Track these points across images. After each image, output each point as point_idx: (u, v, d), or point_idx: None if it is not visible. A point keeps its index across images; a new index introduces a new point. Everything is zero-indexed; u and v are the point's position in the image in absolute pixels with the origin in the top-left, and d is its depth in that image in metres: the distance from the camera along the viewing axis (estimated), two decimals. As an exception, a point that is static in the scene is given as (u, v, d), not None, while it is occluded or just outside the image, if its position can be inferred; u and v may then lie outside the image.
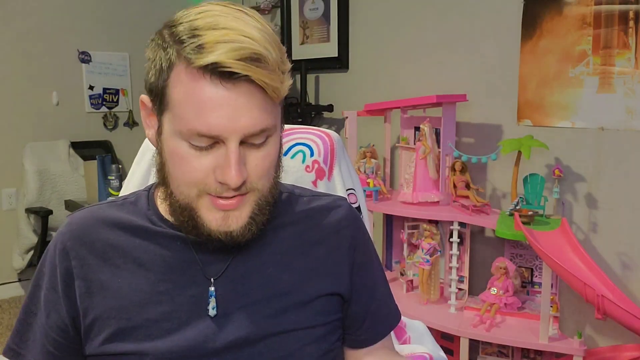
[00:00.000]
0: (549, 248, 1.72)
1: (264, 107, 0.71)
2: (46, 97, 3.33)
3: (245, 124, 0.70)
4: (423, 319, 1.34)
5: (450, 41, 2.41)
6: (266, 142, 0.74)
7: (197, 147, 0.71)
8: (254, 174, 0.74)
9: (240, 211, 0.75)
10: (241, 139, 0.71)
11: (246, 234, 0.76)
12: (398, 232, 2.40)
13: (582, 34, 2.02)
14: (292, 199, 0.89)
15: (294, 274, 0.82)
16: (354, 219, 0.91)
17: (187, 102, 0.70)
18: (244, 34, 0.69)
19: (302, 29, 3.07)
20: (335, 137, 1.16)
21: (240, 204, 0.75)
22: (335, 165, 1.13)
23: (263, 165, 0.74)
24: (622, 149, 1.95)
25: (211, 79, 0.68)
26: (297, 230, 0.86)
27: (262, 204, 0.77)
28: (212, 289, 0.78)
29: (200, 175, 0.72)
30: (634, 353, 1.84)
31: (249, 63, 0.68)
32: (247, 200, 0.75)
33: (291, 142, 1.12)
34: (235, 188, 0.72)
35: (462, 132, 2.38)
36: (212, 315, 0.78)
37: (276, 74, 0.70)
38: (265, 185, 0.76)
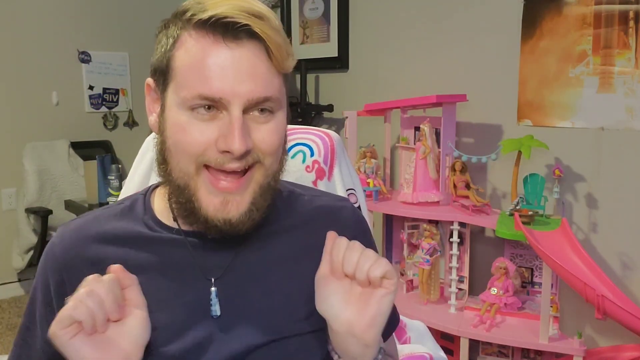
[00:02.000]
0: (549, 248, 1.72)
1: (268, 74, 0.71)
2: (46, 97, 3.33)
3: (248, 88, 0.69)
4: (423, 319, 1.34)
5: (451, 41, 2.41)
6: (272, 116, 0.73)
7: (200, 115, 0.70)
8: (260, 147, 0.72)
9: (242, 196, 0.73)
10: (245, 107, 0.70)
11: (246, 221, 0.73)
12: (398, 232, 2.40)
13: (582, 34, 2.02)
14: (293, 198, 0.87)
15: (298, 277, 0.80)
16: (357, 220, 0.89)
17: (190, 66, 0.70)
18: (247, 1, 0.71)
19: (302, 29, 3.07)
20: (336, 137, 1.16)
21: (241, 188, 0.73)
22: (335, 165, 1.13)
23: (270, 139, 0.73)
24: (622, 149, 1.95)
25: (214, 37, 0.69)
26: (298, 232, 0.83)
27: (265, 186, 0.75)
28: (214, 289, 0.76)
29: (202, 146, 0.70)
30: (634, 353, 1.84)
31: (252, 16, 0.69)
32: (250, 180, 0.73)
33: (291, 142, 1.12)
34: (239, 156, 0.70)
35: (462, 132, 2.38)
36: (215, 316, 0.76)
37: (280, 36, 0.71)
38: (273, 165, 0.75)
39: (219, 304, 0.76)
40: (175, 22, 0.74)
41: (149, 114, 0.80)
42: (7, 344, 2.73)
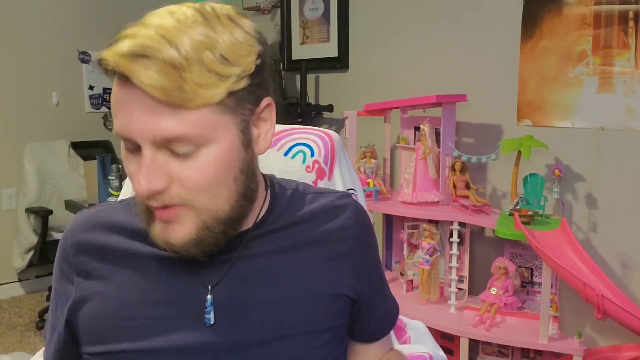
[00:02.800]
0: (548, 248, 1.72)
1: (162, 111, 0.63)
2: (46, 97, 3.33)
3: (143, 128, 0.64)
4: (423, 319, 1.34)
5: (450, 41, 2.41)
6: (196, 153, 0.66)
7: (126, 149, 0.68)
8: (182, 186, 0.66)
9: (181, 225, 0.68)
10: (154, 145, 0.65)
11: (194, 250, 0.70)
12: (398, 232, 2.40)
13: (582, 34, 2.02)
14: (296, 196, 0.85)
15: (298, 277, 0.79)
16: (359, 216, 0.86)
17: (112, 104, 0.69)
18: (151, 29, 0.64)
19: (302, 29, 3.07)
20: (336, 137, 1.16)
21: (179, 218, 0.68)
22: (335, 165, 1.13)
23: (194, 178, 0.66)
24: (622, 149, 1.96)
25: (115, 78, 0.66)
26: (300, 231, 0.81)
27: (212, 224, 0.69)
28: (210, 297, 0.75)
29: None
30: (634, 353, 1.84)
31: (128, 58, 0.62)
32: (186, 215, 0.68)
33: (291, 142, 1.12)
34: (147, 197, 0.66)
35: (462, 132, 2.38)
36: (209, 323, 0.74)
37: (168, 72, 0.61)
38: (207, 204, 0.68)
39: (214, 312, 0.74)
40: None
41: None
42: (7, 344, 2.74)
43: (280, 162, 1.10)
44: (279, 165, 1.09)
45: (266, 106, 0.73)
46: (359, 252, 0.84)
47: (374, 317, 0.89)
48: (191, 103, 0.63)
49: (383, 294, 0.91)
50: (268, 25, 3.24)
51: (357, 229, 0.84)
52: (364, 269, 0.85)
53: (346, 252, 0.83)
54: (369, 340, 0.90)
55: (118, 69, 0.62)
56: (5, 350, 2.67)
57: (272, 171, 0.88)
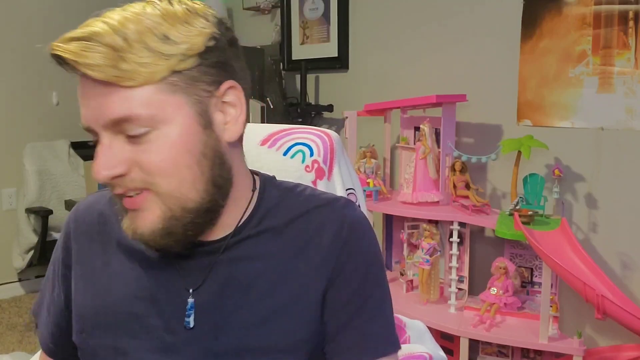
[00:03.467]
0: (548, 248, 1.72)
1: (108, 93, 0.64)
2: (46, 97, 3.33)
3: (94, 113, 0.67)
4: (423, 319, 1.34)
5: (450, 41, 2.41)
6: (150, 135, 0.65)
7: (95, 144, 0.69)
8: (142, 171, 0.66)
9: (146, 212, 0.68)
10: (107, 130, 0.66)
11: (161, 241, 0.69)
12: (398, 232, 2.40)
13: (582, 34, 2.02)
14: (287, 197, 0.80)
15: (282, 284, 0.74)
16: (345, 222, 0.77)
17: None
18: (101, 20, 0.65)
19: (302, 29, 3.07)
20: (335, 136, 1.16)
21: (145, 204, 0.67)
22: (335, 165, 1.13)
23: (152, 161, 0.65)
24: (622, 149, 1.96)
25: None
26: (285, 236, 0.76)
27: (179, 213, 0.67)
28: (191, 300, 0.73)
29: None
30: (634, 353, 1.84)
31: (70, 43, 0.64)
32: (152, 200, 0.67)
33: (291, 142, 1.12)
34: (108, 184, 0.67)
35: (462, 132, 2.38)
36: (189, 327, 0.72)
37: (108, 54, 0.62)
38: (172, 190, 0.67)
39: (194, 316, 0.73)
40: None
41: None
42: (7, 344, 2.74)
43: (280, 161, 1.10)
44: (278, 165, 1.09)
45: (229, 89, 0.71)
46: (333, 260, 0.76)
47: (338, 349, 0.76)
48: (132, 82, 0.63)
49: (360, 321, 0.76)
50: (268, 25, 3.24)
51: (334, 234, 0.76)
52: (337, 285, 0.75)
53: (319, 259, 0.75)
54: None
55: (61, 53, 0.64)
56: (5, 350, 2.67)
57: (271, 171, 0.87)
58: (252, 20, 3.30)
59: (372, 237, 0.80)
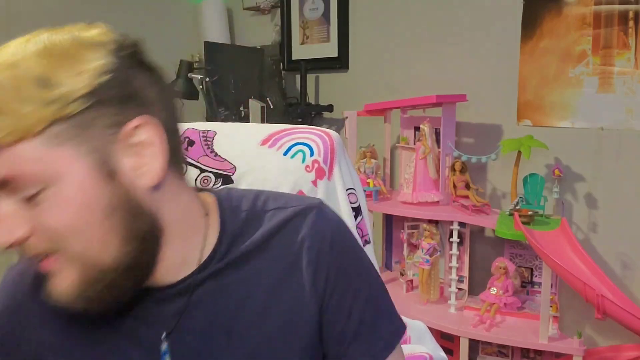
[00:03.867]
0: (548, 248, 1.72)
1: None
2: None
3: None
4: (423, 319, 1.34)
5: (450, 41, 2.41)
6: (43, 195, 0.56)
7: None
8: (45, 232, 0.58)
9: (60, 276, 0.60)
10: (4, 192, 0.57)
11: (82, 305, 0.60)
12: (398, 232, 2.40)
13: (582, 34, 2.02)
14: (252, 218, 0.72)
15: (267, 314, 0.68)
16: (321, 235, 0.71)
17: None
18: None
19: (302, 29, 3.07)
20: (336, 136, 1.16)
21: (56, 268, 0.60)
22: (335, 164, 1.13)
23: (50, 223, 0.57)
24: (622, 149, 1.96)
25: None
26: (255, 263, 0.69)
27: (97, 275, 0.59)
28: (165, 345, 0.66)
29: None
30: (634, 353, 1.84)
31: None
32: (63, 263, 0.59)
33: (291, 141, 1.12)
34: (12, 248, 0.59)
35: (462, 132, 2.38)
36: None
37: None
38: (82, 251, 0.58)
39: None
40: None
41: None
42: (7, 343, 2.73)
43: (280, 161, 1.10)
44: (278, 164, 1.09)
45: (138, 127, 0.59)
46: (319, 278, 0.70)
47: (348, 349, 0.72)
48: (9, 137, 0.54)
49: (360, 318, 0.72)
50: (268, 25, 3.24)
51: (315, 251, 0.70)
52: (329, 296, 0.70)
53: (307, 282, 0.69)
54: None
55: None
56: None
57: (271, 171, 0.86)
58: (252, 20, 3.30)
59: (352, 239, 0.75)
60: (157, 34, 3.22)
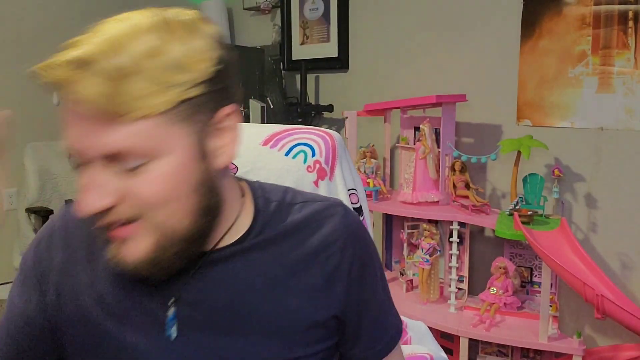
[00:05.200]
0: (548, 248, 1.72)
1: (105, 124, 0.59)
2: (47, 97, 3.33)
3: (87, 143, 0.60)
4: (423, 319, 1.35)
5: (450, 41, 2.41)
6: (146, 166, 0.61)
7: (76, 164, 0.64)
8: (133, 202, 0.62)
9: (135, 242, 0.64)
10: (99, 160, 0.61)
11: (147, 271, 0.65)
12: (398, 232, 2.40)
13: (581, 34, 2.02)
14: (281, 209, 0.78)
15: (279, 299, 0.72)
16: (354, 229, 0.79)
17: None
18: (97, 37, 0.60)
19: (302, 29, 3.07)
20: (337, 137, 1.16)
21: (133, 234, 0.63)
22: (336, 165, 1.13)
23: (145, 193, 0.61)
24: (622, 149, 1.96)
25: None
26: (283, 248, 0.74)
27: (168, 243, 0.64)
28: (173, 309, 0.70)
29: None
30: (634, 353, 1.84)
31: (65, 69, 0.58)
32: (142, 230, 0.63)
33: (292, 142, 1.12)
34: (95, 214, 0.62)
35: (462, 132, 2.39)
36: (171, 337, 0.69)
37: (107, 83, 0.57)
38: (163, 221, 0.63)
39: (177, 326, 0.70)
40: None
41: None
42: (7, 343, 2.73)
43: (281, 162, 1.10)
44: (280, 165, 1.09)
45: (227, 115, 0.67)
46: (347, 268, 0.76)
47: (360, 340, 0.80)
48: (134, 114, 0.58)
49: (376, 314, 0.81)
50: (268, 25, 3.24)
51: (344, 243, 0.76)
52: (354, 287, 0.77)
53: (332, 270, 0.75)
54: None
55: (53, 81, 0.58)
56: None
57: (273, 171, 0.87)
58: (252, 20, 3.30)
59: (371, 238, 0.83)
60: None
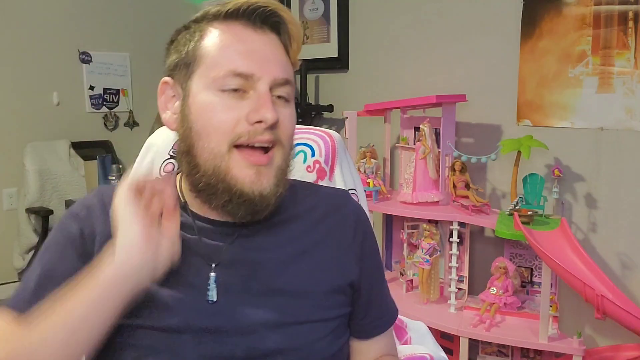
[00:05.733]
0: (548, 248, 1.72)
1: (287, 62, 0.80)
2: (47, 97, 3.33)
3: (275, 68, 0.77)
4: (423, 319, 1.35)
5: (450, 41, 2.41)
6: (289, 101, 0.80)
7: (229, 95, 0.75)
8: (283, 126, 0.78)
9: (269, 169, 0.77)
10: (271, 85, 0.76)
11: (273, 196, 0.77)
12: (398, 232, 2.40)
13: (581, 34, 2.02)
14: (295, 191, 0.88)
15: (303, 267, 0.82)
16: (361, 211, 0.93)
17: (221, 48, 0.77)
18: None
19: (302, 29, 3.08)
20: (337, 137, 1.16)
21: (269, 161, 0.77)
22: (336, 165, 1.13)
23: (291, 120, 0.80)
24: (622, 149, 1.96)
25: (243, 25, 0.78)
26: (305, 224, 0.86)
27: (284, 169, 0.80)
28: (213, 274, 0.78)
29: (233, 122, 0.75)
30: (634, 353, 1.84)
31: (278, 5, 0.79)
32: (273, 158, 0.77)
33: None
34: (270, 126, 0.75)
35: (462, 132, 2.39)
36: (212, 301, 0.77)
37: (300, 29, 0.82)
38: (288, 150, 0.80)
39: (217, 290, 0.77)
40: (198, 22, 0.81)
41: (163, 111, 0.83)
42: (7, 343, 2.73)
43: (281, 162, 1.10)
44: (280, 165, 1.09)
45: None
46: (359, 244, 0.88)
47: (370, 311, 0.90)
48: (297, 63, 0.83)
49: (381, 289, 0.93)
50: (268, 25, 3.24)
51: (356, 223, 0.89)
52: (364, 261, 0.88)
53: (348, 244, 0.87)
54: (367, 337, 0.91)
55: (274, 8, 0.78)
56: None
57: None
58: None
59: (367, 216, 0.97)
60: (157, 34, 3.22)
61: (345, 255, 0.86)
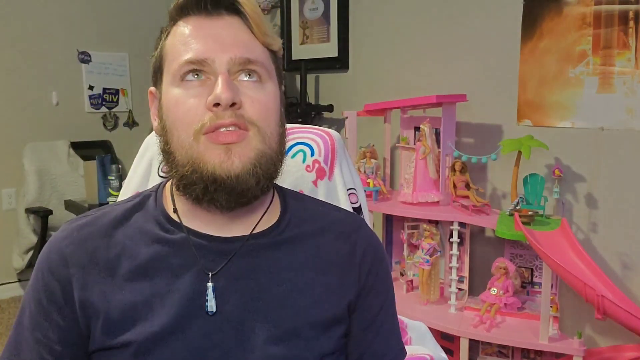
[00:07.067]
0: (549, 248, 1.72)
1: (250, 41, 0.77)
2: (46, 97, 3.33)
3: (232, 48, 0.75)
4: (423, 319, 1.34)
5: (450, 41, 2.41)
6: (260, 83, 0.77)
7: (190, 83, 0.75)
8: (251, 106, 0.75)
9: (242, 147, 0.73)
10: (229, 66, 0.74)
11: (250, 178, 0.74)
12: (398, 232, 2.40)
13: (582, 34, 2.02)
14: (307, 208, 0.87)
15: (307, 291, 0.80)
16: (375, 242, 0.88)
17: (177, 43, 0.77)
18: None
19: (302, 29, 3.07)
20: (336, 136, 1.16)
21: (241, 138, 0.73)
22: (336, 164, 1.13)
23: (261, 100, 0.76)
24: (622, 149, 1.96)
25: (197, 15, 0.77)
26: (309, 246, 0.83)
27: (266, 152, 0.76)
28: (210, 284, 0.76)
29: (196, 110, 0.74)
30: (634, 353, 1.84)
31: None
32: (250, 137, 0.74)
33: (291, 141, 1.12)
34: (227, 105, 0.72)
35: (462, 132, 2.38)
36: (211, 312, 0.75)
37: (259, 12, 0.78)
38: (268, 134, 0.76)
39: (215, 301, 0.76)
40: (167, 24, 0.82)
41: (153, 120, 0.83)
42: (7, 344, 2.73)
43: (280, 161, 1.09)
44: (279, 164, 1.08)
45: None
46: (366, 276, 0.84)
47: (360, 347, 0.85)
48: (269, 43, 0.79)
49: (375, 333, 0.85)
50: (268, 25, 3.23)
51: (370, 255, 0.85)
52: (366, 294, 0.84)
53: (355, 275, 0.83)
54: None
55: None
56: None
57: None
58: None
59: (385, 254, 0.92)
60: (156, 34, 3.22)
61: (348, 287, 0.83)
